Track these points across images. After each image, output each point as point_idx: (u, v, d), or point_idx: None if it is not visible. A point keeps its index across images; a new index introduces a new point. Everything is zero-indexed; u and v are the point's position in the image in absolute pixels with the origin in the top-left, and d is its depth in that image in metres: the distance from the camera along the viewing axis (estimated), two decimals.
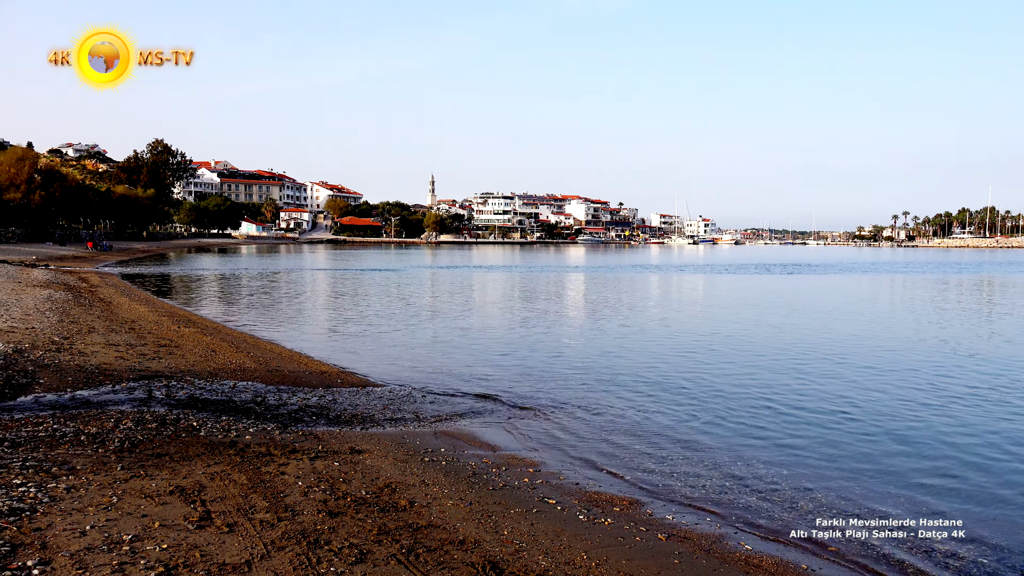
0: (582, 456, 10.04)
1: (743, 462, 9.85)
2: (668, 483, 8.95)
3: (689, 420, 12.11)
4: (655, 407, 12.98)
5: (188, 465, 7.83)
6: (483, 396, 13.56)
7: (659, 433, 11.30)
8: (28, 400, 10.80)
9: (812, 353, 19.23)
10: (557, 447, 10.44)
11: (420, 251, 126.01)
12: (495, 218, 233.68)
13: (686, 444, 10.72)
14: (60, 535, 5.69)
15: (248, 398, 11.96)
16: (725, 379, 15.63)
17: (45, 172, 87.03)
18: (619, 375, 15.92)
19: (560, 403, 13.12)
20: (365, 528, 6.47)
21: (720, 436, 11.18)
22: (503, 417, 12.03)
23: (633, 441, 10.83)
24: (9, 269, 37.66)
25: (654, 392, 14.24)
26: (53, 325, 17.93)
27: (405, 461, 8.91)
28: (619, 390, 14.37)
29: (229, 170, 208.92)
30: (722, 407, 13.03)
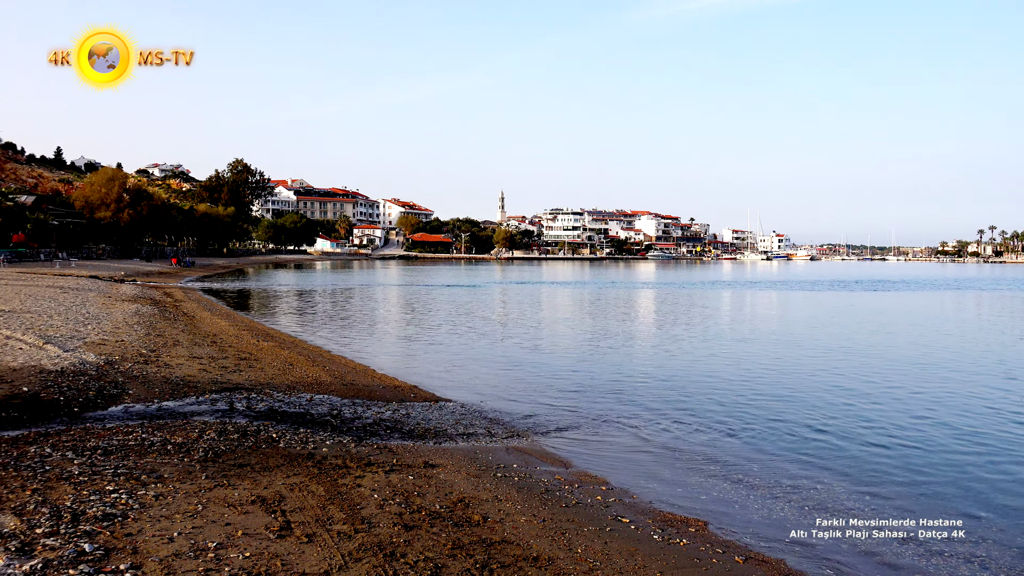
0: (655, 475, 9.92)
1: (824, 487, 9.58)
2: (745, 504, 8.76)
3: (765, 442, 11.84)
4: (730, 427, 12.74)
5: (268, 476, 8.04)
6: (555, 412, 13.54)
7: (734, 454, 11.08)
8: (118, 410, 11.27)
9: (898, 376, 18.61)
10: (630, 465, 10.34)
11: (490, 267, 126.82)
12: (564, 234, 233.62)
13: (762, 465, 10.48)
14: (150, 541, 5.91)
15: (324, 411, 12.21)
16: (807, 402, 15.25)
17: (133, 191, 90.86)
18: (692, 394, 15.69)
19: (632, 421, 13.00)
20: (440, 542, 6.52)
21: (799, 459, 10.89)
22: (574, 434, 11.98)
23: (708, 461, 10.65)
24: (100, 284, 39.40)
25: (729, 412, 13.98)
26: (141, 338, 18.67)
27: (478, 476, 8.96)
28: (693, 409, 14.16)
29: (305, 188, 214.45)
30: (803, 429, 12.70)
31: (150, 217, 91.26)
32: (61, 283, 36.47)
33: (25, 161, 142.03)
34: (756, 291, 61.16)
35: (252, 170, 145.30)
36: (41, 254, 66.92)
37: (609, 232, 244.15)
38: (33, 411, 10.67)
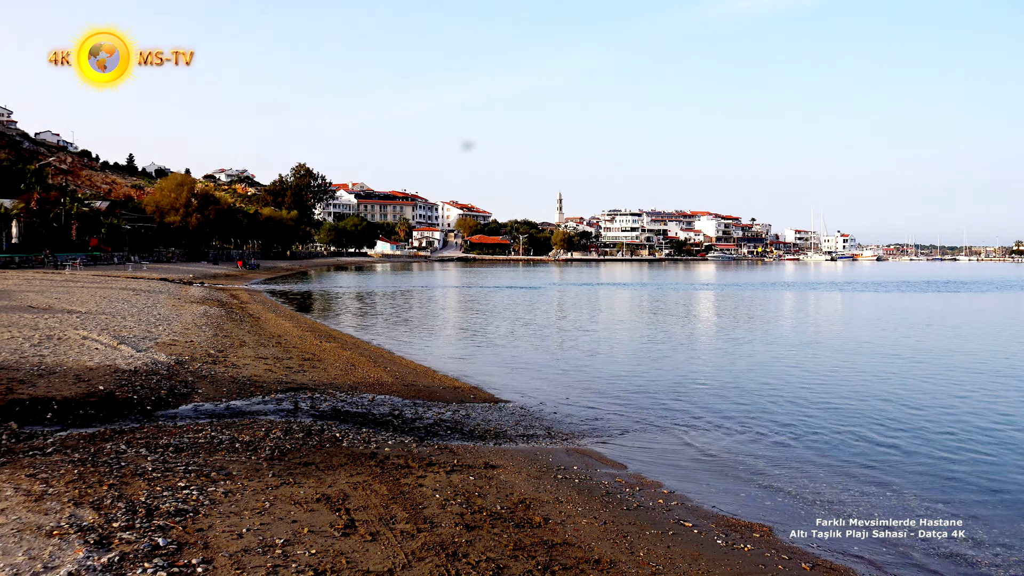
0: (718, 478, 9.78)
1: (894, 494, 9.31)
2: (811, 511, 8.57)
3: (830, 447, 11.57)
4: (793, 432, 12.48)
5: (333, 474, 8.18)
6: (615, 414, 13.46)
7: (798, 459, 10.85)
8: (188, 408, 11.60)
9: (971, 382, 17.99)
10: (691, 468, 10.22)
11: (547, 268, 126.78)
12: (623, 235, 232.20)
13: (828, 471, 10.24)
14: (220, 536, 6.07)
15: (386, 411, 12.37)
16: (874, 407, 14.86)
17: (201, 196, 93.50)
18: (754, 399, 15.43)
19: (693, 423, 12.84)
20: (501, 543, 6.54)
21: (866, 466, 10.61)
22: (634, 437, 11.89)
23: (771, 466, 10.45)
24: (170, 287, 40.64)
25: (792, 416, 13.70)
26: (209, 339, 19.19)
27: (538, 478, 8.96)
28: (755, 414, 13.92)
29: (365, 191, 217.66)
30: (870, 436, 12.37)
31: (217, 221, 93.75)
32: (133, 285, 37.72)
33: (100, 168, 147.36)
34: (820, 292, 59.80)
35: (314, 174, 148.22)
36: (115, 257, 69.32)
37: (668, 233, 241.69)
38: (108, 409, 11.06)
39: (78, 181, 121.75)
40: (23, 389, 11.25)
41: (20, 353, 13.96)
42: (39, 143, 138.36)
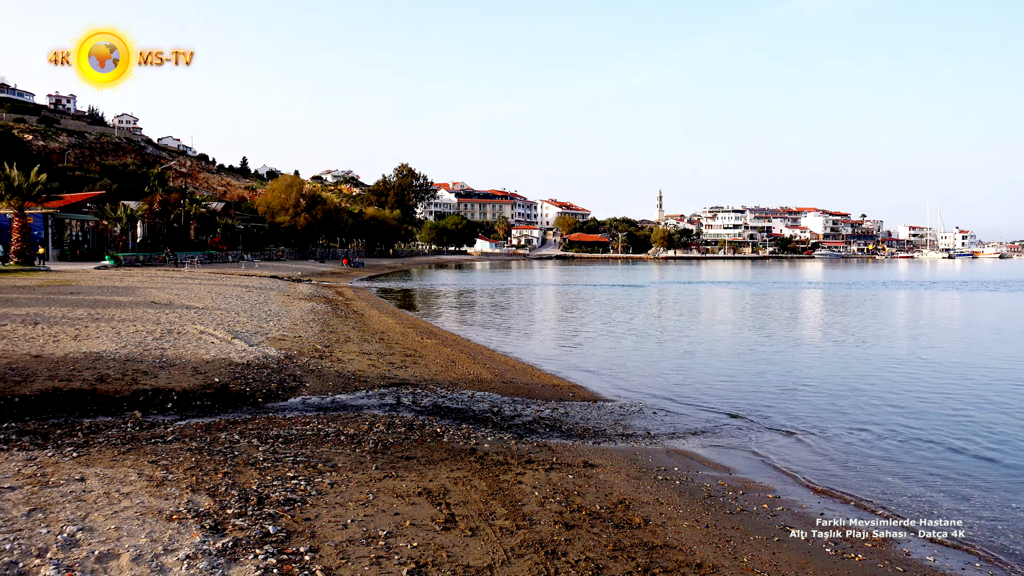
0: (826, 484, 9.41)
1: (1019, 502, 8.73)
2: (927, 521, 8.13)
3: (952, 453, 10.95)
4: (909, 435, 11.88)
5: (433, 469, 8.30)
6: (716, 414, 13.16)
7: (914, 467, 10.32)
8: (297, 401, 12.02)
9: None
10: (798, 473, 9.87)
11: (647, 266, 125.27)
12: (725, 232, 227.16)
13: (947, 478, 9.69)
14: (326, 526, 6.25)
15: (485, 408, 12.47)
16: (996, 413, 14.00)
17: (309, 197, 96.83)
18: (863, 399, 14.78)
19: (798, 426, 12.40)
20: (600, 543, 6.49)
21: (989, 471, 10.00)
22: (738, 438, 11.58)
23: (883, 471, 9.98)
24: (280, 283, 42.28)
25: (905, 419, 13.05)
26: (316, 334, 19.84)
27: (638, 478, 8.85)
28: (863, 415, 13.33)
29: (465, 190, 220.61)
30: (990, 438, 11.66)
31: (323, 221, 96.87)
32: (246, 283, 39.41)
33: (216, 171, 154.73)
34: (936, 292, 56.82)
35: (416, 174, 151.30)
36: (229, 256, 72.62)
37: (772, 230, 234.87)
38: (223, 400, 11.58)
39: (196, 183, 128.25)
40: (146, 380, 11.91)
41: (144, 346, 14.78)
42: (161, 148, 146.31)
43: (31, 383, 11.14)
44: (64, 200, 58.39)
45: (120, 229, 60.03)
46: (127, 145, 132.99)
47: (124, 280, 34.05)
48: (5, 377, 11.32)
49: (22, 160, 57.95)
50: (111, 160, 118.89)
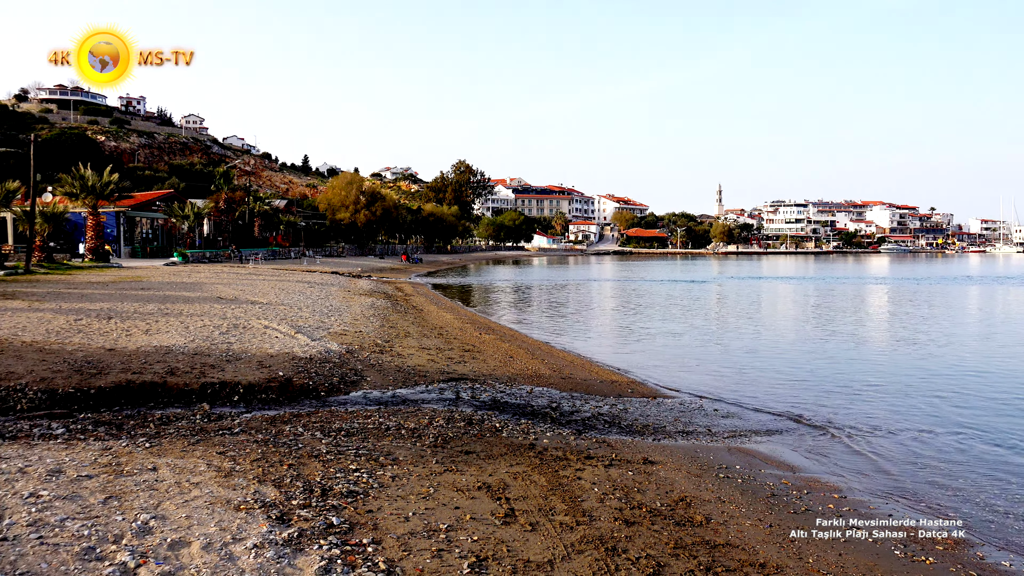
0: (894, 484, 9.15)
1: None
2: (1003, 523, 7.85)
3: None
4: (981, 438, 11.48)
5: (493, 464, 8.34)
6: (778, 413, 12.92)
7: (987, 468, 9.97)
8: (358, 395, 12.21)
9: None
10: (864, 473, 9.62)
11: (706, 262, 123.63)
12: (786, 227, 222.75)
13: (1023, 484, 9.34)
14: (388, 518, 6.34)
15: (544, 403, 12.48)
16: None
17: (368, 194, 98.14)
18: (932, 400, 14.34)
19: (865, 425, 12.09)
20: (661, 540, 6.43)
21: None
22: (801, 436, 11.35)
23: (953, 475, 9.66)
24: (341, 279, 42.97)
25: (977, 421, 12.61)
26: (376, 329, 20.11)
27: (699, 475, 8.75)
28: (932, 416, 12.93)
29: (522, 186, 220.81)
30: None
31: (383, 217, 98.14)
32: (308, 278, 40.15)
33: (278, 169, 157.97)
34: (1009, 288, 54.77)
35: (474, 170, 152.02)
36: (291, 252, 74.10)
37: (836, 224, 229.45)
38: (286, 393, 11.83)
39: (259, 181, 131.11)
40: (213, 373, 12.24)
41: (211, 340, 15.19)
42: (227, 147, 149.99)
43: (106, 375, 11.55)
44: (135, 199, 60.33)
45: (187, 227, 61.75)
46: (194, 145, 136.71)
47: (192, 276, 35.03)
48: (82, 369, 11.76)
49: (95, 160, 60.07)
50: (179, 159, 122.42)
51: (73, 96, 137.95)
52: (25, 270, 34.51)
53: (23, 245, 42.07)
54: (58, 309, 18.87)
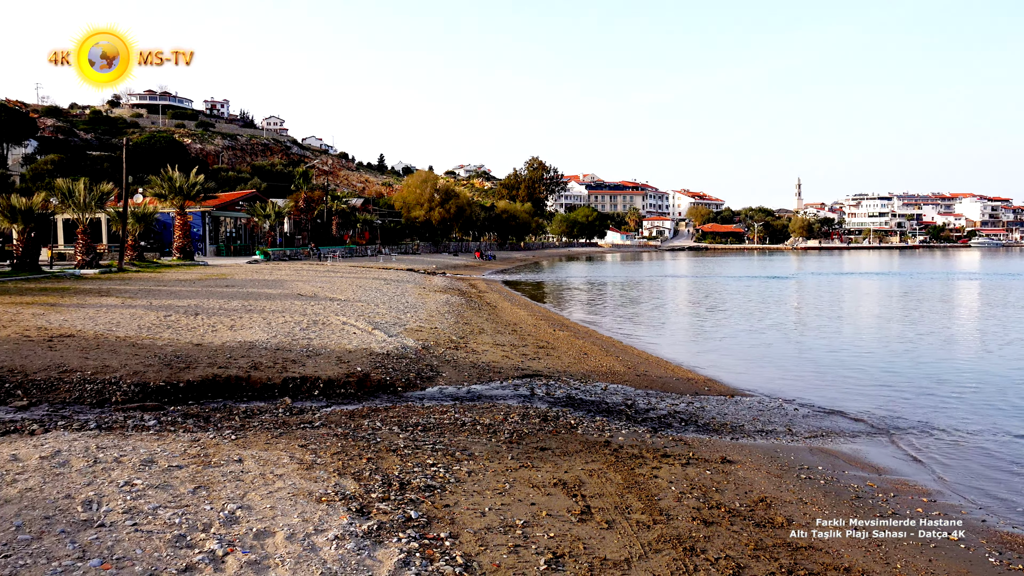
0: (987, 489, 8.75)
1: None
2: None
3: None
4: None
5: (568, 460, 8.33)
6: (861, 414, 12.50)
7: None
8: (434, 390, 12.35)
9: None
10: (955, 476, 9.24)
11: (785, 257, 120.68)
12: (869, 221, 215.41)
13: None
14: (464, 513, 6.39)
15: (619, 400, 12.39)
16: None
17: (443, 192, 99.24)
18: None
19: (955, 428, 11.60)
20: (741, 541, 6.31)
21: None
22: (887, 438, 10.97)
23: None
24: (416, 276, 43.57)
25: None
26: (451, 326, 20.31)
27: (779, 476, 8.55)
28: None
29: (596, 182, 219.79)
30: None
31: (456, 215, 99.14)
32: (384, 275, 40.84)
33: (355, 168, 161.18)
34: None
35: (547, 167, 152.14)
36: (367, 250, 75.51)
37: (922, 218, 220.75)
38: (364, 388, 12.06)
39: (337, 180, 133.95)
40: (295, 368, 12.56)
41: (292, 336, 15.60)
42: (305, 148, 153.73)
43: (193, 370, 11.99)
44: (219, 199, 62.42)
45: (269, 225, 63.58)
46: (274, 146, 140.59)
47: (273, 274, 36.05)
48: (171, 364, 12.23)
49: (182, 162, 62.37)
50: (260, 160, 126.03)
51: (162, 101, 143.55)
52: (118, 268, 36.09)
53: (116, 244, 44.04)
54: (149, 306, 19.67)
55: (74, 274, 32.16)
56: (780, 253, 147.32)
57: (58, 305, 19.27)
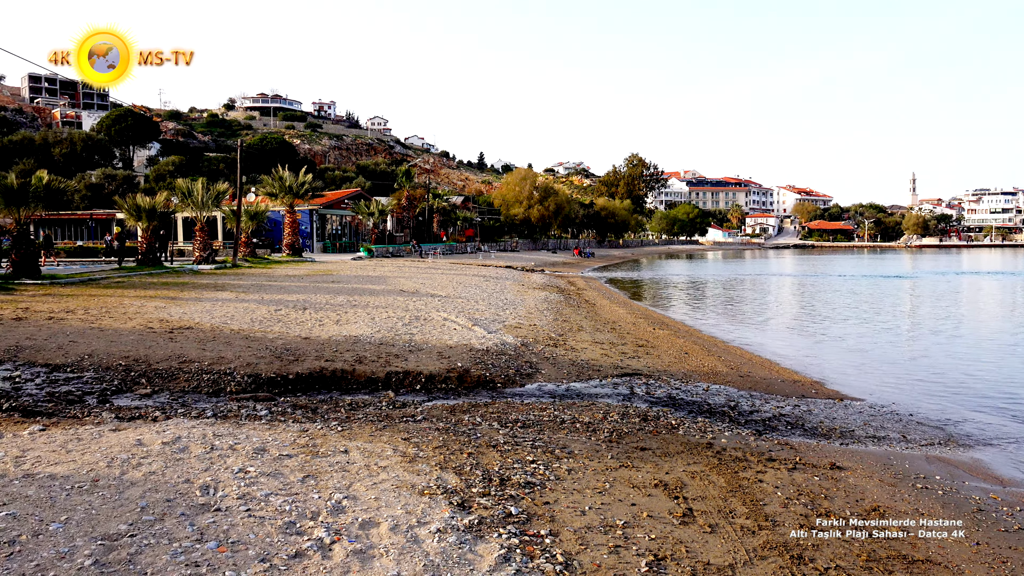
0: None
1: None
2: None
3: None
4: None
5: (669, 461, 8.20)
6: (982, 421, 11.81)
7: None
8: (533, 387, 12.39)
9: None
10: None
11: (897, 256, 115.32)
12: (991, 217, 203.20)
13: None
14: (564, 511, 6.38)
15: (721, 401, 12.12)
16: None
17: (542, 189, 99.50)
18: None
19: None
20: (852, 551, 6.06)
21: None
22: (1011, 447, 10.32)
23: None
24: (514, 273, 43.85)
25: None
26: (549, 323, 20.34)
27: (893, 484, 8.16)
28: None
29: (697, 178, 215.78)
30: None
31: (555, 212, 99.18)
32: (483, 272, 41.27)
33: (455, 166, 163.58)
34: None
35: (647, 163, 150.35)
36: (467, 247, 76.49)
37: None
38: (464, 384, 12.21)
39: (437, 179, 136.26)
40: (397, 363, 12.84)
41: (395, 331, 15.95)
42: (408, 147, 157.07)
43: (302, 362, 12.42)
44: (326, 197, 64.51)
45: (372, 223, 65.25)
46: (378, 145, 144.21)
47: (376, 270, 36.99)
48: (281, 356, 12.71)
49: (292, 162, 64.83)
50: (364, 160, 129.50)
51: (273, 103, 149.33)
52: (232, 264, 37.80)
53: (231, 241, 46.10)
54: (260, 300, 20.52)
55: (192, 269, 33.89)
56: (892, 251, 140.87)
57: (178, 299, 20.34)
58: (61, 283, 24.85)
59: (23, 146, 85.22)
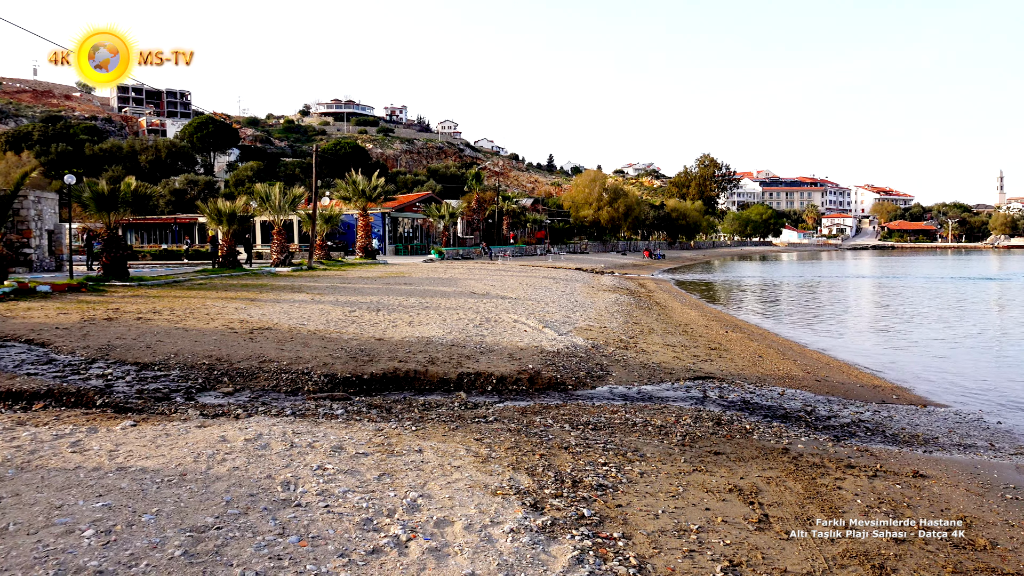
0: None
1: None
2: None
3: None
4: None
5: (744, 466, 8.07)
6: None
7: None
8: (604, 390, 12.35)
9: None
10: None
11: (984, 257, 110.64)
12: None
13: None
14: (637, 514, 6.35)
15: (797, 406, 11.86)
16: None
17: (611, 191, 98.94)
18: None
19: None
20: (937, 563, 5.87)
21: None
22: None
23: None
24: (584, 275, 43.73)
25: None
26: (620, 325, 20.22)
27: (980, 494, 7.86)
28: None
29: (770, 179, 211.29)
30: None
31: (625, 214, 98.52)
32: (553, 274, 41.28)
33: (525, 168, 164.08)
34: None
35: (718, 164, 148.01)
36: (537, 249, 76.60)
37: None
38: (535, 385, 12.25)
39: (507, 181, 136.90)
40: (469, 364, 12.97)
41: (466, 333, 16.11)
42: (477, 150, 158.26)
43: (376, 363, 12.66)
44: (397, 201, 65.50)
45: (443, 226, 65.99)
46: (448, 149, 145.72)
47: (447, 272, 37.38)
48: (356, 357, 12.98)
49: (364, 166, 66.07)
50: (435, 163, 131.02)
51: (346, 109, 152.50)
52: (308, 266, 38.73)
53: (306, 244, 47.26)
54: (335, 302, 20.98)
55: (270, 271, 34.87)
56: (978, 252, 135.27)
57: (257, 300, 20.97)
58: (148, 285, 25.90)
59: (112, 154, 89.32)
